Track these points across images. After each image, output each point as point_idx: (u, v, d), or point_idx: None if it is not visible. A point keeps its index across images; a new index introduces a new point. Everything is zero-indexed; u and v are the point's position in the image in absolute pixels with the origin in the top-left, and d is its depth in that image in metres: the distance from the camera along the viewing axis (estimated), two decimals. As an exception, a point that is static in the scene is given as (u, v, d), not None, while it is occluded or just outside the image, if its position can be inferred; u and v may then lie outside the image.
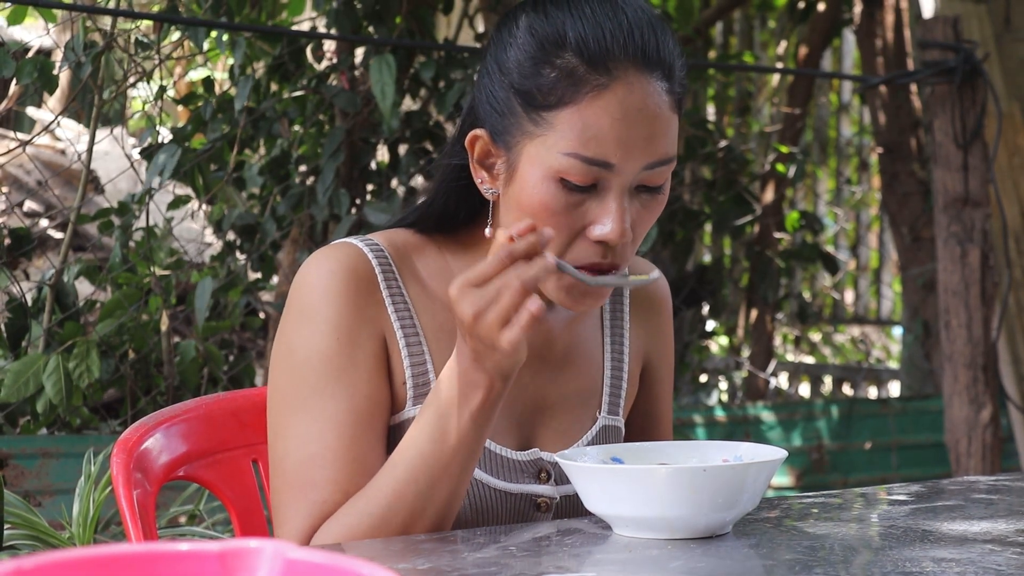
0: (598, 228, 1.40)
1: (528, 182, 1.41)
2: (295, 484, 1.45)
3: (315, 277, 1.48)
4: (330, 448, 1.44)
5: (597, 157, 1.38)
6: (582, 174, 1.39)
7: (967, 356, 3.80)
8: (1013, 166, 4.55)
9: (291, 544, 0.76)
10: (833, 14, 5.51)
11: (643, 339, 1.68)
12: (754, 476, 1.33)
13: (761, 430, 4.35)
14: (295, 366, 1.48)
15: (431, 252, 1.56)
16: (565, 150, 1.38)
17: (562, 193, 1.40)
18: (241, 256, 4.07)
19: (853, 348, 7.33)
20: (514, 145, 1.43)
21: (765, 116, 6.67)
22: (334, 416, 1.45)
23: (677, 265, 4.93)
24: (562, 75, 1.38)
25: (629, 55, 1.38)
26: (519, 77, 1.41)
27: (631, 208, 1.42)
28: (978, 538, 1.33)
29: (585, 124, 1.38)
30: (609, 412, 1.62)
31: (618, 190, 1.40)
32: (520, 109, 1.41)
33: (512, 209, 1.45)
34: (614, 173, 1.39)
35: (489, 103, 1.45)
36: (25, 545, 2.56)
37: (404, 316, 1.51)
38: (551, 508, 1.53)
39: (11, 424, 3.52)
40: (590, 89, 1.38)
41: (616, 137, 1.38)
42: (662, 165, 1.41)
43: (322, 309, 1.47)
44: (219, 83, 4.31)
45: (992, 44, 4.59)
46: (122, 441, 1.61)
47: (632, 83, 1.38)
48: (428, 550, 1.32)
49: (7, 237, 3.57)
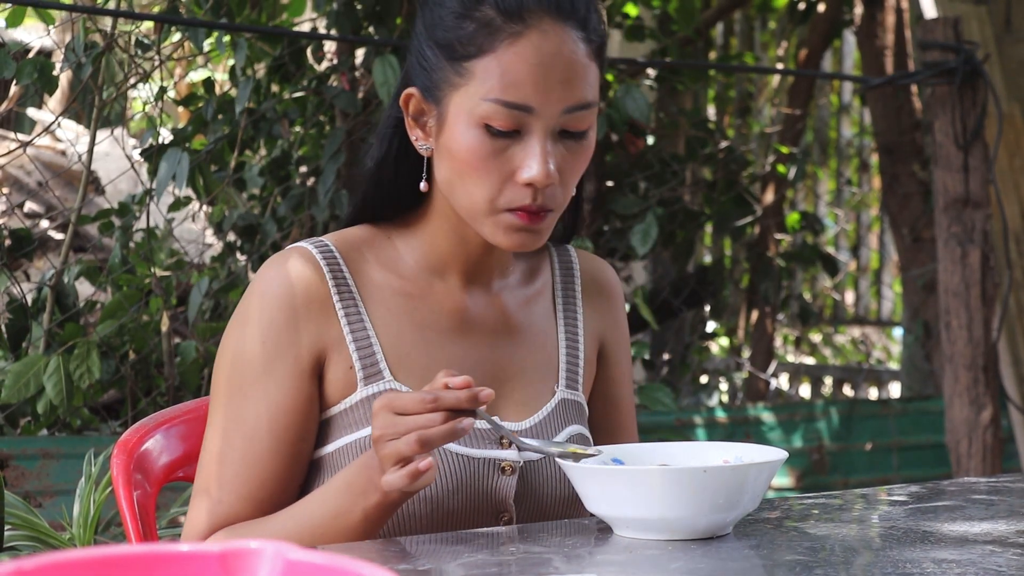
0: (524, 171, 1.47)
1: (456, 132, 1.49)
2: (201, 479, 1.54)
3: (257, 283, 1.56)
4: (232, 448, 1.52)
5: (517, 101, 1.46)
6: (504, 119, 1.46)
7: (968, 357, 3.80)
8: (1013, 167, 4.55)
9: (196, 541, 0.76)
10: (833, 15, 5.51)
11: (596, 322, 1.74)
12: (754, 477, 1.33)
13: (762, 431, 4.35)
14: (223, 366, 1.55)
15: (381, 241, 1.62)
16: (486, 96, 1.46)
17: (487, 139, 1.47)
18: (242, 257, 4.07)
19: (854, 349, 7.33)
20: (442, 98, 1.50)
21: (766, 117, 6.67)
22: (242, 418, 1.52)
23: (678, 266, 4.93)
24: (480, 26, 1.47)
25: (543, 5, 1.47)
26: (442, 32, 1.50)
27: (555, 152, 1.49)
28: (979, 539, 1.33)
29: (503, 70, 1.46)
30: (567, 386, 1.66)
31: (540, 133, 1.47)
32: (445, 62, 1.50)
33: (444, 160, 1.52)
34: (535, 116, 1.46)
35: (419, 62, 1.54)
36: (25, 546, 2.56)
37: (350, 308, 1.56)
38: (515, 471, 1.56)
39: (12, 425, 3.52)
40: (506, 36, 1.46)
41: (533, 81, 1.46)
42: (581, 109, 1.49)
43: (254, 315, 1.54)
44: (220, 84, 4.30)
45: (992, 45, 4.59)
46: (122, 442, 1.61)
47: (547, 30, 1.47)
48: (428, 551, 1.32)
49: (8, 238, 3.57)
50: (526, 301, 1.68)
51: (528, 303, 1.68)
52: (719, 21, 6.00)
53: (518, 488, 1.55)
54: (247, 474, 1.51)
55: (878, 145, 5.31)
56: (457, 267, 1.61)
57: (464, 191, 1.50)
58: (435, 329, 1.59)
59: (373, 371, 1.55)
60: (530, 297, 1.68)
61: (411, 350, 1.57)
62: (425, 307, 1.60)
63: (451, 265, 1.61)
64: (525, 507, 1.56)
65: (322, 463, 1.55)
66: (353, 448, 1.53)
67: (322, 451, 1.55)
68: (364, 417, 1.53)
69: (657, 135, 4.89)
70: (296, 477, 1.54)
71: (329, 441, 1.55)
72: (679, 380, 5.24)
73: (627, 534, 1.35)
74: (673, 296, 4.97)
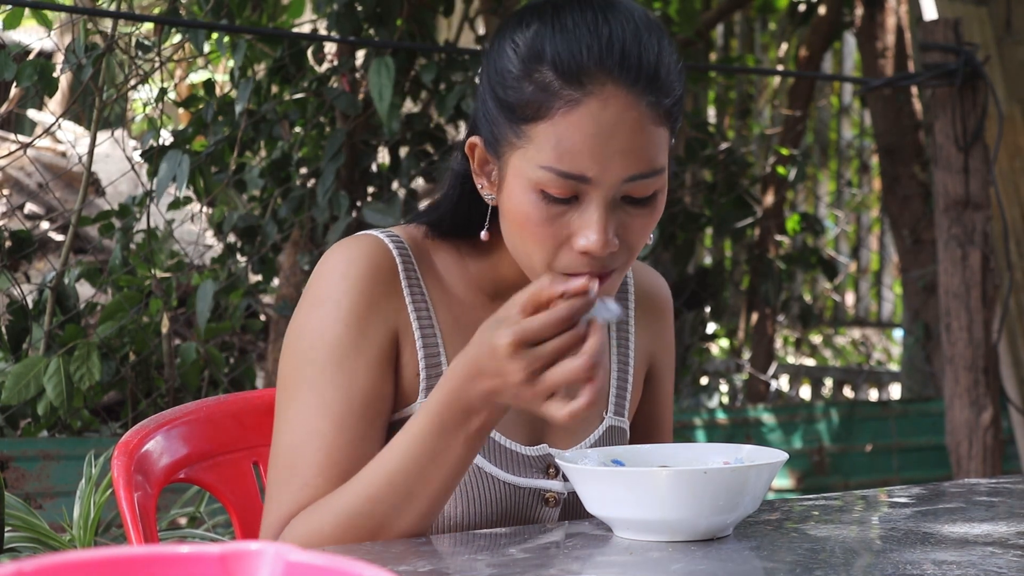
0: (581, 239, 1.41)
1: (513, 192, 1.43)
2: (283, 467, 1.47)
3: (333, 265, 1.50)
4: (320, 433, 1.46)
5: (572, 171, 1.38)
6: (559, 187, 1.39)
7: (968, 358, 3.80)
8: (1014, 168, 4.55)
9: (282, 542, 0.76)
10: (834, 17, 5.51)
11: (647, 342, 1.70)
12: (755, 479, 1.33)
13: (762, 432, 4.35)
14: (301, 350, 1.49)
15: (448, 250, 1.58)
16: (542, 163, 1.39)
17: (543, 204, 1.41)
18: (242, 258, 4.07)
19: (854, 350, 7.33)
20: (502, 155, 1.45)
21: (766, 118, 6.67)
22: (330, 402, 1.46)
23: (678, 268, 4.93)
24: (538, 89, 1.39)
25: (605, 69, 1.38)
26: (503, 90, 1.42)
27: (616, 218, 1.42)
28: (979, 541, 1.33)
29: (559, 139, 1.38)
30: (615, 413, 1.64)
31: (599, 202, 1.40)
32: (504, 121, 1.43)
33: (505, 215, 1.46)
34: (592, 186, 1.39)
35: (483, 112, 1.47)
36: (26, 547, 2.56)
37: (422, 309, 1.52)
38: (559, 503, 1.54)
39: (12, 426, 3.52)
40: (562, 104, 1.38)
41: (590, 151, 1.38)
42: (644, 178, 1.40)
43: (334, 296, 1.48)
44: (220, 85, 4.31)
45: (993, 47, 4.59)
46: (123, 443, 1.61)
47: (607, 98, 1.38)
48: (429, 552, 1.32)
49: (8, 239, 3.58)
50: None
51: None
52: (719, 23, 6.00)
53: (560, 518, 1.54)
54: (337, 458, 1.45)
55: (878, 147, 5.31)
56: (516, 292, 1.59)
57: (523, 250, 1.45)
58: None
59: (435, 382, 1.50)
60: None
61: None
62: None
63: (512, 291, 1.53)
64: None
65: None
66: None
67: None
68: None
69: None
70: None
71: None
72: (679, 382, 5.24)
73: (628, 536, 1.35)
74: (673, 298, 4.96)
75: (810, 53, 5.51)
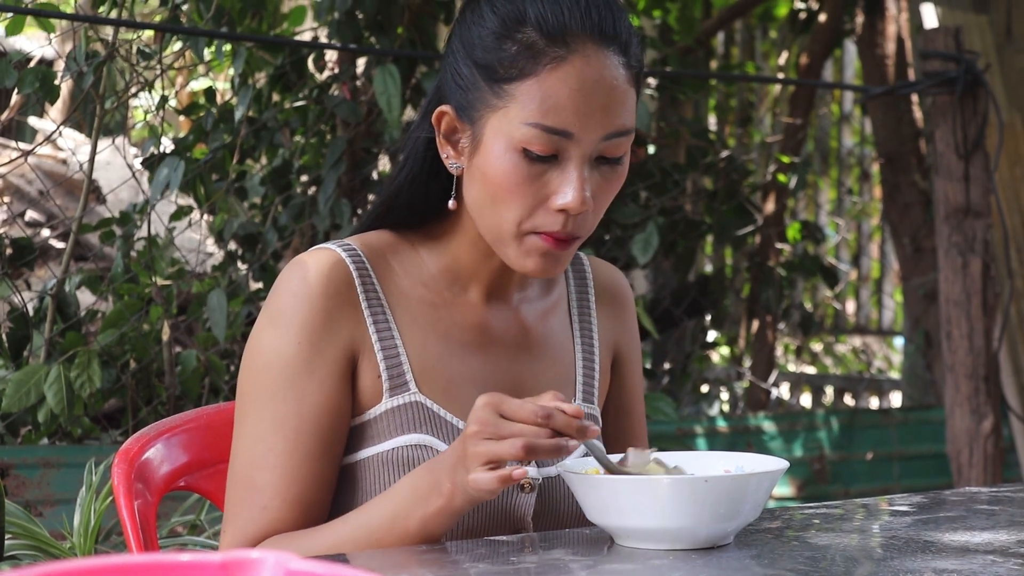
0: (559, 198, 1.46)
1: (492, 154, 1.47)
2: (240, 486, 1.50)
3: (287, 282, 1.53)
4: (274, 451, 1.48)
5: (557, 126, 1.44)
6: (543, 143, 1.44)
7: (968, 366, 3.80)
8: (1015, 176, 4.55)
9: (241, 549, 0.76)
10: (834, 24, 5.51)
11: (610, 331, 1.73)
12: (755, 487, 1.33)
13: (762, 440, 4.35)
14: (256, 368, 1.52)
15: (404, 249, 1.61)
16: (526, 120, 1.44)
17: (524, 163, 1.45)
18: (243, 266, 4.07)
19: (854, 358, 7.32)
20: (478, 119, 1.48)
21: (766, 126, 6.67)
22: (283, 420, 1.49)
23: (679, 275, 4.93)
24: (522, 48, 1.45)
25: (586, 30, 1.45)
26: (482, 52, 1.48)
27: (591, 178, 1.47)
28: (980, 549, 1.33)
29: (544, 95, 1.44)
30: (584, 400, 1.66)
31: (578, 160, 1.45)
32: (483, 83, 1.47)
33: (476, 181, 1.50)
34: (574, 143, 1.45)
35: (454, 80, 1.51)
36: (26, 555, 2.56)
37: (378, 312, 1.54)
38: (534, 488, 1.55)
39: (12, 434, 3.52)
40: (549, 61, 1.44)
41: (575, 107, 1.44)
42: (620, 136, 1.47)
43: (289, 314, 1.51)
44: (221, 93, 4.31)
45: (993, 55, 4.59)
46: (123, 451, 1.61)
47: (589, 56, 1.45)
48: (429, 560, 1.32)
49: (9, 247, 3.58)
50: (544, 313, 1.67)
51: (546, 315, 1.67)
52: (720, 30, 6.00)
53: (536, 505, 1.55)
54: (292, 477, 1.48)
55: (879, 154, 5.31)
56: (479, 281, 1.60)
57: (493, 212, 1.48)
58: (457, 342, 1.58)
59: (399, 381, 1.53)
60: (547, 309, 1.67)
61: (435, 362, 1.56)
62: (448, 318, 1.59)
63: (473, 279, 1.60)
64: (543, 524, 1.55)
65: (346, 472, 1.54)
66: (378, 460, 1.51)
67: (347, 460, 1.54)
68: (389, 429, 1.51)
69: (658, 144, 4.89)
70: (335, 480, 1.52)
71: (354, 450, 1.53)
72: (680, 390, 5.24)
73: (628, 544, 1.35)
74: (674, 305, 4.97)
75: (811, 61, 5.51)
